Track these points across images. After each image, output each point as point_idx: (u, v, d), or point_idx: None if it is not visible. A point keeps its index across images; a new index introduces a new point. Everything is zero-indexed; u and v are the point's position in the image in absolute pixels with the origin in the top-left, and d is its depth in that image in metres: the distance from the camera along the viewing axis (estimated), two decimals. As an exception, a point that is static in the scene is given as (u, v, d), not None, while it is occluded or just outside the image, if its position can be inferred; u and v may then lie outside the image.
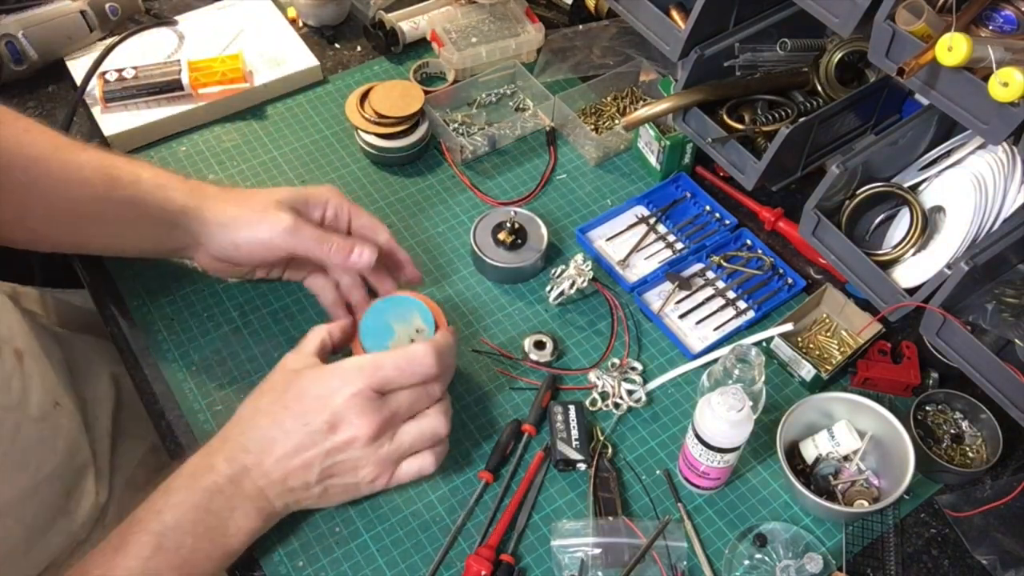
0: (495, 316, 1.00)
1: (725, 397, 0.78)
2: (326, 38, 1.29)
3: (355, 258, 0.86)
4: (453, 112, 1.19)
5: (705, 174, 1.13)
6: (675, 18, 1.02)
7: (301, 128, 1.17)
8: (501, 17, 1.27)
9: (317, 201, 0.88)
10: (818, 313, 1.01)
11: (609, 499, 0.86)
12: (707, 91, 1.00)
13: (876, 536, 0.85)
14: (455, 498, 0.86)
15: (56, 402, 0.87)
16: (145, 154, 1.13)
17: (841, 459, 0.87)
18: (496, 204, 1.10)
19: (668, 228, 1.09)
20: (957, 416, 0.92)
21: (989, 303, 0.84)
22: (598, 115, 1.19)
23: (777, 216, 1.07)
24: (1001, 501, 0.85)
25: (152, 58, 1.19)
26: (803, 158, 1.01)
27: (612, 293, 1.02)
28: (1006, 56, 0.69)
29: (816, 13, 0.84)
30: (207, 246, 0.88)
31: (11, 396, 0.80)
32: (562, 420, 0.89)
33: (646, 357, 0.98)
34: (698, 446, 0.81)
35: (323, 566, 0.82)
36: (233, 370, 0.94)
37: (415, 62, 1.24)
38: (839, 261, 0.92)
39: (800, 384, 0.96)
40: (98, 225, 0.87)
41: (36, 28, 1.15)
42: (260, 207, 0.85)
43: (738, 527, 0.86)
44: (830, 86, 1.01)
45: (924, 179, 0.94)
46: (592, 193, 1.13)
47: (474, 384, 0.95)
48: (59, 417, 0.87)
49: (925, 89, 0.75)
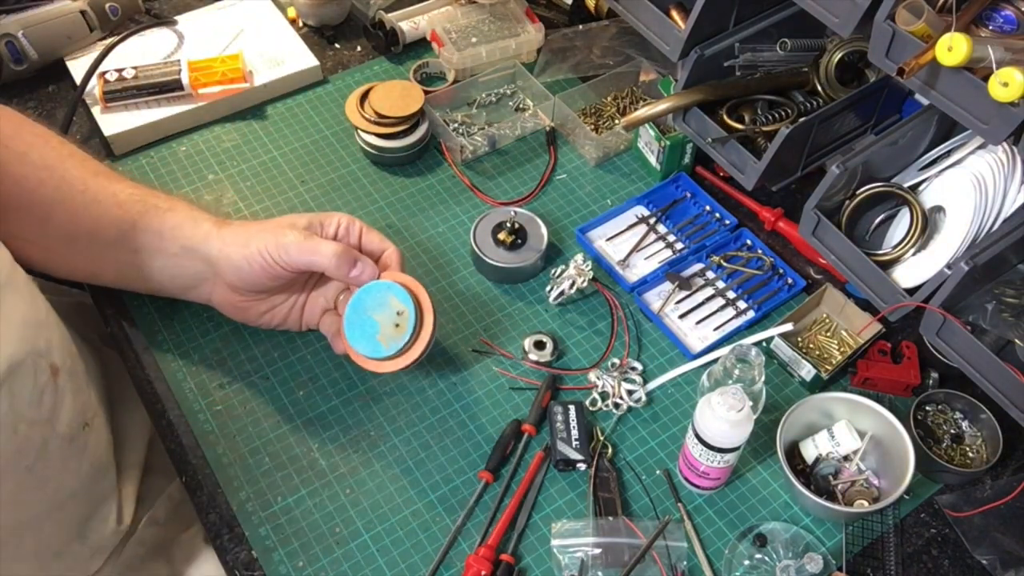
0: (495, 316, 1.00)
1: (725, 397, 0.78)
2: (326, 38, 1.29)
3: (356, 272, 0.85)
4: (453, 112, 1.19)
5: (705, 174, 1.13)
6: (675, 18, 1.02)
7: (301, 128, 1.17)
8: (501, 17, 1.27)
9: (329, 220, 0.89)
10: (818, 313, 1.01)
11: (609, 499, 0.86)
12: (707, 91, 1.00)
13: (876, 536, 0.85)
14: (455, 498, 0.86)
15: (86, 423, 0.85)
16: (145, 154, 1.13)
17: (841, 459, 0.87)
18: (496, 204, 1.10)
19: (668, 228, 1.09)
20: (957, 416, 0.92)
21: (989, 303, 0.84)
22: (598, 115, 1.19)
23: (777, 216, 1.07)
24: (1001, 501, 0.85)
25: (152, 58, 1.19)
26: (803, 158, 1.01)
27: (612, 293, 1.02)
28: (1006, 56, 0.69)
29: (816, 13, 0.84)
30: (223, 274, 0.86)
31: (41, 411, 0.77)
32: (562, 420, 0.89)
33: (646, 357, 0.98)
34: (698, 446, 0.81)
35: (323, 566, 0.82)
36: (233, 370, 0.94)
37: (415, 62, 1.24)
38: (839, 261, 0.92)
39: (800, 384, 0.96)
40: (116, 251, 0.87)
41: (36, 28, 1.15)
42: (272, 226, 0.86)
43: (738, 527, 0.86)
44: (830, 86, 1.01)
45: (924, 179, 0.94)
46: (592, 193, 1.13)
47: (474, 384, 0.95)
48: (88, 438, 0.85)
49: (925, 89, 0.75)
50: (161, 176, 1.11)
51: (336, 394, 0.93)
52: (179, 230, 0.86)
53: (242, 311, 0.91)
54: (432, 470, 0.88)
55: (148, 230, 0.86)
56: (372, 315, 0.85)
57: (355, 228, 0.89)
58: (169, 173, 1.11)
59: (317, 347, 0.96)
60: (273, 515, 0.84)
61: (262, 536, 0.83)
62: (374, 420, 0.91)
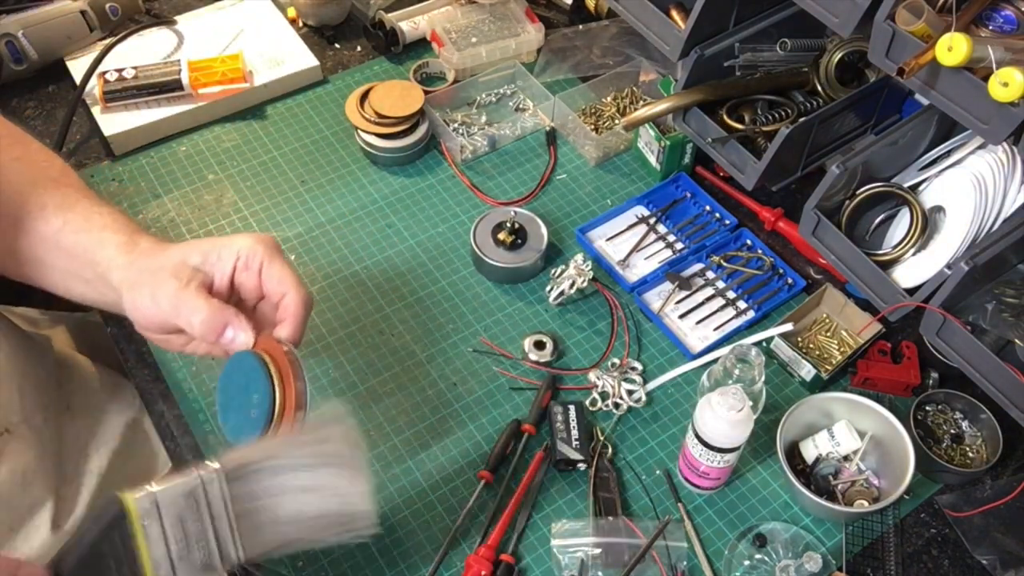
0: (495, 316, 1.00)
1: (725, 397, 0.78)
2: (326, 38, 1.29)
3: (227, 339, 0.72)
4: (453, 112, 1.19)
5: (705, 174, 1.13)
6: (675, 18, 1.02)
7: (301, 128, 1.17)
8: (501, 17, 1.27)
9: (228, 250, 0.75)
10: (818, 313, 1.01)
11: (609, 499, 0.86)
12: (707, 91, 1.00)
13: (876, 536, 0.85)
14: (455, 498, 0.86)
15: (6, 429, 0.81)
16: (145, 154, 1.13)
17: (841, 459, 0.87)
18: (496, 204, 1.10)
19: (668, 228, 1.09)
20: (957, 416, 0.92)
21: (989, 303, 0.84)
22: (598, 115, 1.19)
23: (777, 216, 1.07)
24: (1001, 501, 0.85)
25: (152, 58, 1.19)
26: (803, 158, 1.01)
27: (612, 293, 1.02)
28: (1006, 56, 0.69)
29: (816, 13, 0.84)
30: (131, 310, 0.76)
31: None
32: (562, 420, 0.89)
33: (646, 357, 0.98)
34: (698, 446, 0.81)
35: (323, 566, 0.82)
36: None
37: (415, 62, 1.24)
38: (839, 261, 0.92)
39: (800, 384, 0.96)
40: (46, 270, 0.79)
41: (36, 28, 1.15)
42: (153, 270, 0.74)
43: (738, 527, 0.86)
44: (830, 86, 1.01)
45: (924, 179, 0.94)
46: (592, 193, 1.13)
47: (474, 384, 0.95)
48: (6, 443, 0.81)
49: (925, 89, 0.75)
50: (161, 176, 1.11)
51: (336, 394, 0.93)
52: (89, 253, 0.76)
53: (165, 343, 0.79)
54: (432, 470, 0.88)
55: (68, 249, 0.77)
56: (238, 393, 0.70)
57: (255, 260, 0.74)
58: (169, 173, 1.11)
59: (317, 347, 0.96)
60: (273, 515, 0.84)
61: (262, 536, 0.83)
62: (374, 420, 0.91)
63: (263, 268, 0.74)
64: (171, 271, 0.73)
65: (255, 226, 1.06)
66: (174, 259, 0.74)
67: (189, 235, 1.05)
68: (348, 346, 0.97)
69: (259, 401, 0.68)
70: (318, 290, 1.01)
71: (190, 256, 0.74)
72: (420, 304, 1.01)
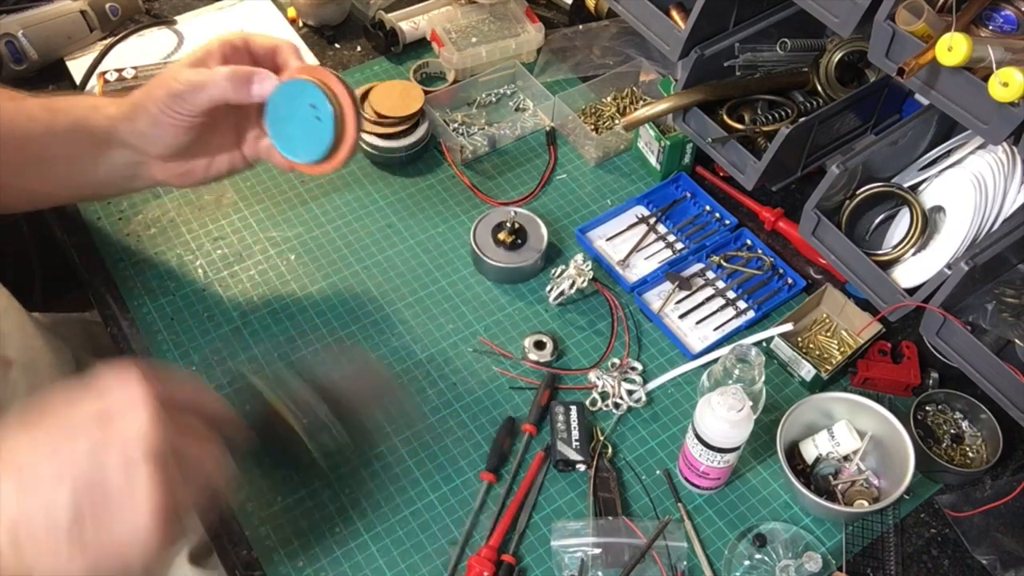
0: (495, 316, 1.00)
1: (725, 397, 0.78)
2: (326, 38, 1.29)
3: (256, 88, 0.79)
4: (453, 112, 1.19)
5: (705, 174, 1.13)
6: (675, 18, 1.02)
7: (301, 128, 1.17)
8: (501, 17, 1.27)
9: (211, 49, 0.82)
10: (818, 313, 1.01)
11: (609, 499, 0.86)
12: (707, 91, 1.00)
13: (876, 536, 0.85)
14: (455, 498, 0.86)
15: None
16: (145, 154, 1.13)
17: (841, 459, 0.87)
18: (496, 204, 1.10)
19: (668, 228, 1.09)
20: (957, 416, 0.92)
21: (989, 303, 0.84)
22: (598, 115, 1.19)
23: (777, 216, 1.07)
24: (1001, 501, 0.85)
25: (152, 58, 1.19)
26: (803, 158, 1.01)
27: (612, 293, 1.02)
28: (1006, 56, 0.69)
29: (816, 13, 0.84)
30: (146, 149, 0.83)
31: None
32: (562, 420, 0.89)
33: (646, 357, 0.98)
34: (698, 446, 0.81)
35: (323, 566, 0.82)
36: (233, 370, 0.94)
37: (415, 62, 1.24)
38: (839, 261, 0.92)
39: (800, 384, 0.96)
40: (49, 163, 0.83)
41: (36, 28, 1.15)
42: (158, 82, 0.81)
43: (738, 527, 0.86)
44: (830, 86, 1.01)
45: (924, 179, 0.94)
46: (592, 193, 1.13)
47: (474, 384, 0.95)
48: None
49: (925, 89, 0.75)
50: (161, 176, 1.11)
51: (336, 394, 0.93)
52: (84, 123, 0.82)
53: (189, 175, 0.87)
54: (432, 470, 0.88)
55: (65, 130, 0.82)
56: (289, 120, 0.80)
57: (240, 43, 0.83)
58: (169, 173, 1.11)
59: (318, 347, 0.96)
60: (273, 515, 0.84)
61: (262, 536, 0.83)
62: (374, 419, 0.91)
63: (250, 46, 0.82)
64: (172, 76, 0.79)
65: (255, 226, 1.06)
66: (167, 74, 0.80)
67: (189, 235, 1.05)
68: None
69: (320, 108, 0.78)
70: (318, 290, 1.01)
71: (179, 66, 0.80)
72: (420, 304, 1.01)
